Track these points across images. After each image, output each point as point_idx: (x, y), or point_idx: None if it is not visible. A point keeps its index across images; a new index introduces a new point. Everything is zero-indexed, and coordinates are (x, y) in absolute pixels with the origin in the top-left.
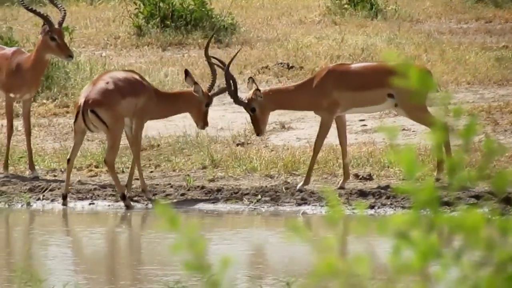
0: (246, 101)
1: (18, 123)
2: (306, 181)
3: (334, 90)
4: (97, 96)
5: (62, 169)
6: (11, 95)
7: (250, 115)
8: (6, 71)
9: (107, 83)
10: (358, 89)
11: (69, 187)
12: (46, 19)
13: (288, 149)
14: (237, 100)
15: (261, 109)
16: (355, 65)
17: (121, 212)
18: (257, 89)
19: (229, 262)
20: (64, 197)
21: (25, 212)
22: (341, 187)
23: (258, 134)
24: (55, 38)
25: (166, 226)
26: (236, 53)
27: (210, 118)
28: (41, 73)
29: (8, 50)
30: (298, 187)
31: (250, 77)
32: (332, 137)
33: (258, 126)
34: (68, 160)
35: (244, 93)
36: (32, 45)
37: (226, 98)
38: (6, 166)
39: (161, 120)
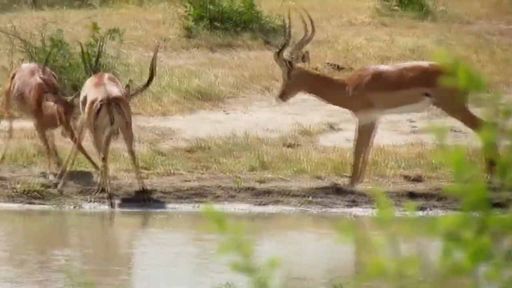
0: (288, 66)
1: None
2: (353, 181)
3: (367, 92)
4: (119, 94)
5: (113, 171)
6: None
7: (284, 79)
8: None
9: (115, 84)
10: (391, 89)
11: (115, 189)
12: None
13: (337, 150)
14: (279, 58)
15: (294, 81)
16: (389, 66)
17: (169, 214)
18: (290, 62)
19: (276, 263)
20: (110, 197)
21: (75, 214)
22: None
23: (279, 98)
24: None
25: (213, 227)
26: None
27: (259, 119)
28: None
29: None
30: (346, 187)
31: (307, 51)
32: (380, 138)
33: (284, 93)
34: (103, 159)
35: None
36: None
37: (275, 100)
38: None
39: (208, 121)
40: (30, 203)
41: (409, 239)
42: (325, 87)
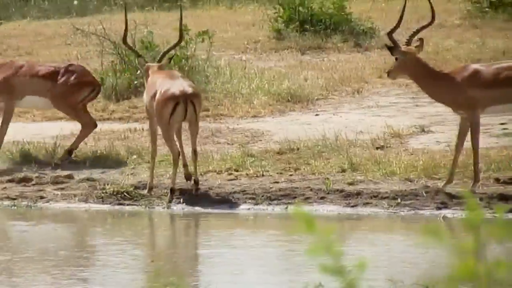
0: (396, 48)
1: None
2: (477, 179)
3: (468, 88)
4: (194, 90)
5: (202, 173)
6: None
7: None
8: None
9: (185, 79)
10: (490, 87)
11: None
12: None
13: (427, 152)
14: (391, 37)
15: (400, 64)
16: (490, 64)
17: (259, 215)
18: (399, 46)
19: (365, 265)
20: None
21: (164, 214)
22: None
23: (387, 74)
24: None
25: (303, 228)
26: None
27: (349, 121)
28: None
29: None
30: (441, 187)
31: (421, 38)
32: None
33: (392, 71)
34: (179, 153)
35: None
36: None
37: (365, 102)
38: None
39: (298, 123)
40: (120, 204)
41: (500, 242)
42: (428, 78)
